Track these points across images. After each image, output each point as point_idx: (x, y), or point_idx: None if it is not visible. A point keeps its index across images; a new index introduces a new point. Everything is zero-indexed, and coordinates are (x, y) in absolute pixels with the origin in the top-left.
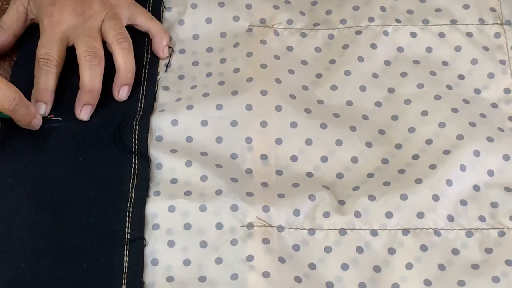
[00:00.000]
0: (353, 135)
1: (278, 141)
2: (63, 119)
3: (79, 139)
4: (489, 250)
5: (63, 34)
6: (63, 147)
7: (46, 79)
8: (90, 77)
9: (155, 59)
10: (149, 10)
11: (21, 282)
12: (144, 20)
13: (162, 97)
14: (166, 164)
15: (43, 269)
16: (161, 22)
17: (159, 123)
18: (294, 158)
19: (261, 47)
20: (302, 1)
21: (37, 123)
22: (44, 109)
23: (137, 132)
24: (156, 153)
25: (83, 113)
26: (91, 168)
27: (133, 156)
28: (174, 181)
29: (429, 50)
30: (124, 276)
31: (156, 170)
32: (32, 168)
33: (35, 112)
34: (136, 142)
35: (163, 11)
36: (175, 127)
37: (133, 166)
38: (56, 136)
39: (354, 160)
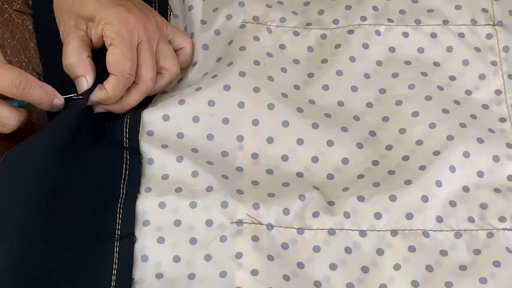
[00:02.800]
0: (344, 135)
1: (270, 140)
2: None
3: (71, 134)
4: (477, 252)
5: (136, 44)
6: (56, 142)
7: (120, 96)
8: (136, 100)
9: None
10: None
11: (15, 263)
12: (182, 40)
13: None
14: (157, 160)
15: (36, 258)
16: None
17: (151, 117)
18: (284, 158)
19: (254, 43)
20: (294, 1)
21: (59, 102)
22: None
23: (128, 127)
24: (147, 148)
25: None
26: (83, 163)
27: (124, 151)
28: (165, 177)
29: (420, 50)
30: (113, 273)
31: (147, 166)
32: (31, 152)
33: (53, 91)
34: (127, 136)
35: (170, 15)
36: (166, 122)
37: (124, 161)
38: (49, 130)
39: (345, 161)
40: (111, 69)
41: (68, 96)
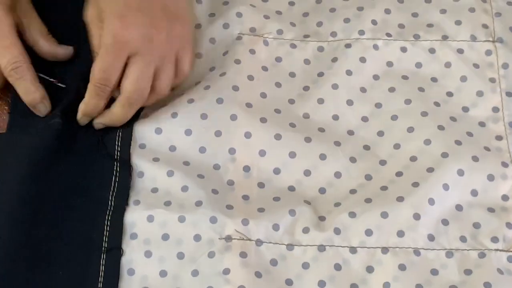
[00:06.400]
0: (337, 150)
1: (262, 153)
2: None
3: (63, 144)
4: (468, 272)
5: (126, 57)
6: (47, 150)
7: (98, 104)
8: (128, 114)
9: None
10: None
11: None
12: (185, 66)
13: None
14: (147, 173)
15: (19, 271)
16: None
17: (143, 130)
18: (276, 171)
19: (249, 57)
20: (293, 12)
21: (42, 108)
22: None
23: (120, 139)
24: (138, 161)
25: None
26: (72, 173)
27: (115, 164)
28: (154, 190)
29: (418, 65)
30: (99, 286)
31: (137, 179)
32: (18, 165)
33: (42, 97)
34: (119, 149)
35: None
36: (159, 135)
37: (114, 173)
38: (42, 138)
39: (337, 175)
40: (90, 76)
41: (46, 78)
